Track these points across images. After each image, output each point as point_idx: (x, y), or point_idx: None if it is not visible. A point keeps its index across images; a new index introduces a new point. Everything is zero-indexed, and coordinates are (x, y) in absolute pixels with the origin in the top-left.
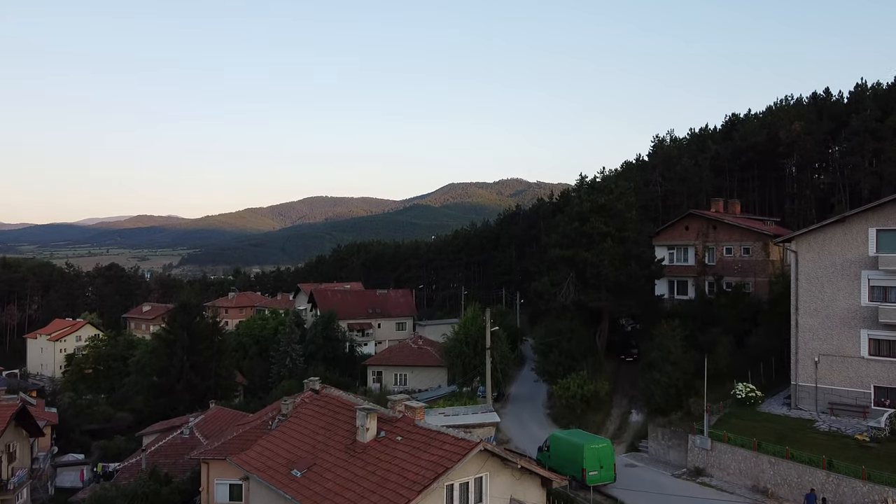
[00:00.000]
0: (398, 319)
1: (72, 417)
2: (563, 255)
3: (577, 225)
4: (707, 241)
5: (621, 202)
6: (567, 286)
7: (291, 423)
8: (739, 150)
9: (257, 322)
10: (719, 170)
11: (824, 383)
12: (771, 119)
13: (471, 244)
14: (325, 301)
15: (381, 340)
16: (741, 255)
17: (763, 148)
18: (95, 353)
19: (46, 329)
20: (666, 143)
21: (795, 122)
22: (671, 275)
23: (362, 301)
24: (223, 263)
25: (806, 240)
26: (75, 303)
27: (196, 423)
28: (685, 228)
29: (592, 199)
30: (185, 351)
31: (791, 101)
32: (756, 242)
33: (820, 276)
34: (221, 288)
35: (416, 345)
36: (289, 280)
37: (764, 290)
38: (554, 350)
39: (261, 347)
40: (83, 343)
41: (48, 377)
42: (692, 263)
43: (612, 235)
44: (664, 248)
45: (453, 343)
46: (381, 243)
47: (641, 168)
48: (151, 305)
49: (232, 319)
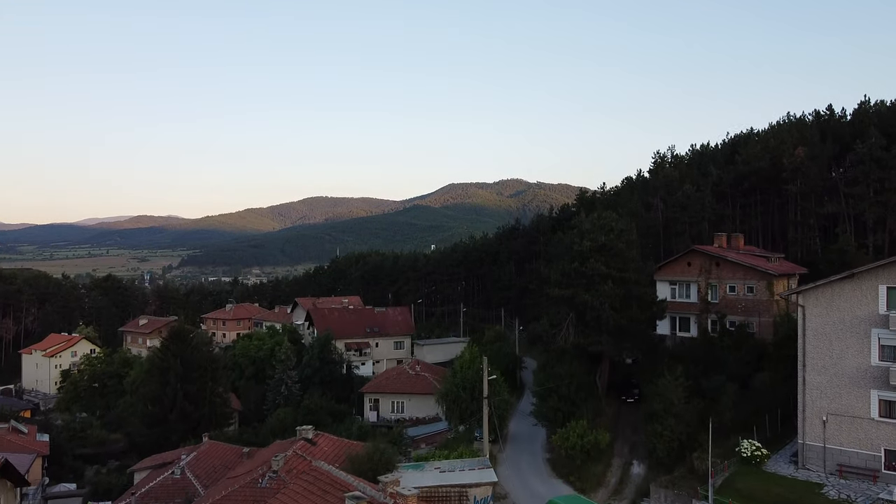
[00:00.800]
0: (396, 338)
1: (65, 441)
2: (563, 294)
3: (577, 265)
4: (710, 278)
5: (622, 240)
6: (566, 327)
7: (279, 500)
8: (742, 176)
9: (254, 342)
10: (721, 195)
11: (833, 444)
12: (774, 143)
13: (470, 258)
14: (323, 320)
15: (378, 360)
16: (745, 294)
17: (766, 174)
18: (90, 371)
19: (42, 344)
20: (667, 160)
21: (799, 148)
22: (673, 311)
23: (360, 319)
24: (223, 265)
25: (813, 294)
26: (72, 315)
27: (188, 462)
28: (688, 264)
29: (593, 238)
30: (178, 379)
31: (794, 119)
32: (760, 281)
33: (828, 332)
34: (220, 298)
35: (413, 371)
36: (287, 290)
37: (768, 330)
38: (553, 395)
39: (257, 368)
40: (78, 359)
41: (43, 393)
42: (694, 300)
43: (612, 277)
44: (666, 284)
45: (450, 387)
46: (379, 254)
47: (642, 185)
48: (148, 319)
49: (229, 332)
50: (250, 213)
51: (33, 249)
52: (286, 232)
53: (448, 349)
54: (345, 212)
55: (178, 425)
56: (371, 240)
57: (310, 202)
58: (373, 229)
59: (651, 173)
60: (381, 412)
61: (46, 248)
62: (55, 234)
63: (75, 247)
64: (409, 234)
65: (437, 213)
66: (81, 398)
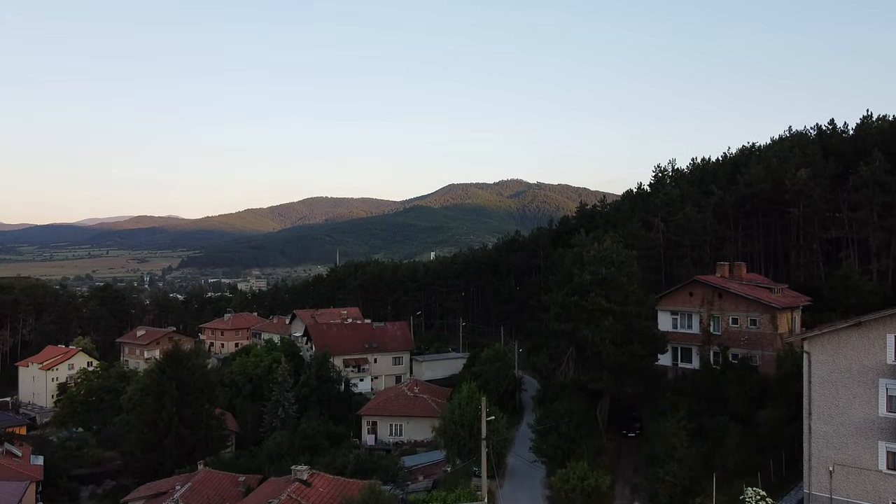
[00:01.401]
0: (395, 354)
1: (60, 461)
2: (562, 329)
3: (577, 299)
4: (712, 310)
5: (623, 273)
6: (566, 361)
7: None
8: (744, 198)
9: (251, 359)
10: (723, 216)
11: (839, 495)
12: (776, 163)
13: (469, 269)
14: (321, 336)
15: (377, 375)
16: (748, 327)
17: (768, 196)
18: (87, 386)
19: (38, 357)
20: (668, 174)
21: (802, 169)
22: (675, 342)
23: (358, 335)
24: (223, 266)
25: (819, 341)
26: (69, 326)
27: (183, 494)
28: (689, 294)
29: (593, 271)
30: (173, 403)
31: (796, 133)
32: (763, 315)
33: (834, 380)
34: (218, 306)
35: (411, 392)
36: (286, 298)
37: (771, 364)
38: (553, 433)
39: (254, 386)
40: (75, 372)
41: (40, 406)
42: (696, 332)
43: (613, 312)
44: (667, 314)
45: (448, 424)
46: (378, 263)
47: (642, 200)
48: (146, 329)
49: (228, 342)
50: (250, 214)
51: (33, 250)
52: (286, 233)
53: (447, 365)
54: (345, 212)
55: (173, 450)
56: (371, 241)
57: (310, 202)
58: (373, 230)
59: (651, 187)
60: (380, 435)
61: (46, 248)
62: (55, 235)
63: (75, 247)
64: (409, 236)
65: (437, 214)
66: (78, 413)
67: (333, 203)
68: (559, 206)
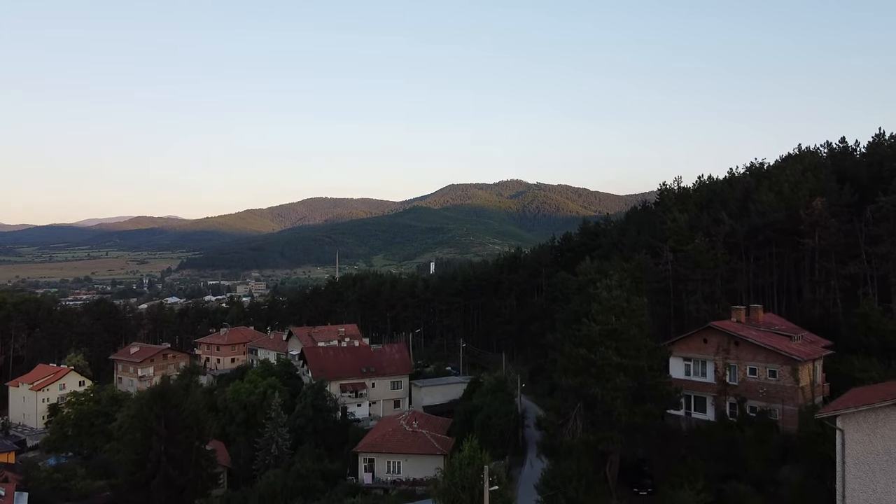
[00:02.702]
0: (393, 378)
1: (47, 495)
2: (570, 384)
3: (585, 352)
4: (728, 358)
5: (634, 322)
6: (574, 418)
7: None
8: (756, 228)
9: (245, 385)
10: (734, 246)
11: None
12: (788, 190)
13: (469, 286)
14: (318, 360)
15: (375, 400)
16: (766, 378)
17: (781, 226)
18: (77, 411)
19: (29, 377)
20: (674, 192)
21: (817, 199)
22: (688, 390)
23: (356, 359)
24: (222, 268)
25: (854, 419)
26: (62, 342)
27: None
28: (703, 341)
29: (603, 321)
30: (161, 442)
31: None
32: (784, 366)
33: (871, 462)
34: (215, 318)
35: (410, 427)
36: (284, 310)
37: (793, 420)
38: (560, 497)
39: (248, 414)
40: (67, 392)
41: (30, 428)
42: (711, 381)
43: (625, 367)
44: (680, 360)
45: (448, 486)
46: (377, 276)
47: (648, 222)
48: (140, 346)
49: (223, 357)
50: (250, 214)
51: (33, 251)
52: (286, 233)
53: (447, 390)
54: (345, 213)
55: (162, 491)
56: (371, 242)
57: (310, 203)
58: (373, 231)
59: (657, 206)
60: (377, 472)
61: (46, 249)
62: (55, 236)
63: (75, 249)
64: (409, 237)
65: (437, 215)
66: (68, 437)
67: (333, 203)
68: (559, 207)
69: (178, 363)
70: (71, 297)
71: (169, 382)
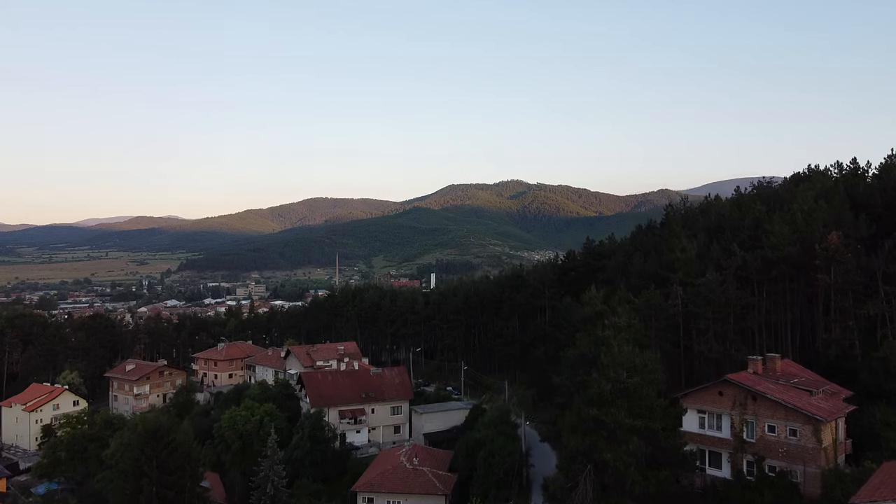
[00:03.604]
0: (393, 403)
1: None
2: (580, 447)
3: (596, 412)
4: (745, 413)
5: (647, 380)
6: (584, 482)
7: None
8: (770, 263)
9: (241, 413)
10: (745, 280)
11: None
12: (802, 218)
13: (470, 304)
14: (316, 386)
15: (374, 426)
16: (787, 437)
17: (796, 261)
18: (70, 435)
19: (22, 397)
20: (680, 212)
21: (832, 234)
22: (703, 444)
23: (355, 384)
24: (222, 269)
25: None
26: (56, 358)
27: None
28: (719, 394)
29: (613, 378)
30: (153, 485)
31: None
32: (805, 426)
33: None
34: (214, 330)
35: (411, 464)
36: (282, 322)
37: (815, 483)
38: None
39: (244, 443)
40: (60, 412)
41: (23, 450)
42: (727, 437)
43: (637, 430)
44: (694, 412)
45: None
46: (377, 289)
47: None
48: (135, 363)
49: (221, 373)
50: (250, 215)
51: (33, 251)
52: (286, 234)
53: (448, 417)
54: (345, 213)
55: None
56: (371, 243)
57: (310, 203)
58: (373, 232)
59: (663, 227)
60: None
61: (46, 250)
62: (54, 236)
63: (74, 249)
64: (409, 238)
65: (437, 216)
66: (61, 462)
67: (333, 204)
68: (559, 208)
69: (174, 380)
70: (70, 300)
71: (161, 419)
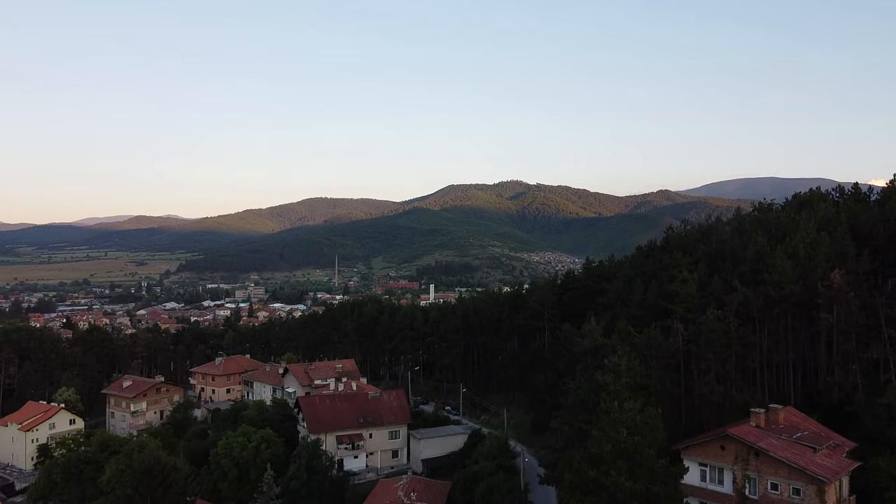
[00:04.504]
0: (391, 427)
1: None
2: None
3: (595, 473)
4: (748, 469)
5: (648, 440)
6: None
7: None
8: (772, 301)
9: (238, 439)
10: (747, 317)
11: None
12: (804, 252)
13: (469, 323)
14: (314, 412)
15: (372, 451)
16: (790, 496)
17: (798, 298)
18: (66, 458)
19: (18, 416)
20: (680, 235)
21: (835, 272)
22: (704, 498)
23: (353, 408)
24: (221, 270)
25: None
26: (53, 373)
27: None
28: (721, 448)
29: (614, 438)
30: None
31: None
32: (809, 485)
33: None
34: (212, 343)
35: (408, 499)
36: (280, 335)
37: None
38: None
39: (241, 471)
40: (56, 431)
41: (19, 469)
42: (729, 492)
43: (638, 495)
44: (695, 464)
45: None
46: (376, 302)
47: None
48: (132, 380)
49: (219, 388)
50: (249, 215)
51: (32, 251)
52: (285, 234)
53: (446, 442)
54: (344, 213)
55: None
56: (370, 244)
57: (309, 203)
58: (372, 233)
59: (663, 250)
60: None
61: (45, 250)
62: (54, 235)
63: (74, 249)
64: (408, 239)
65: (436, 216)
66: (57, 485)
67: (332, 204)
68: (559, 208)
69: (171, 397)
70: (69, 302)
71: (156, 454)
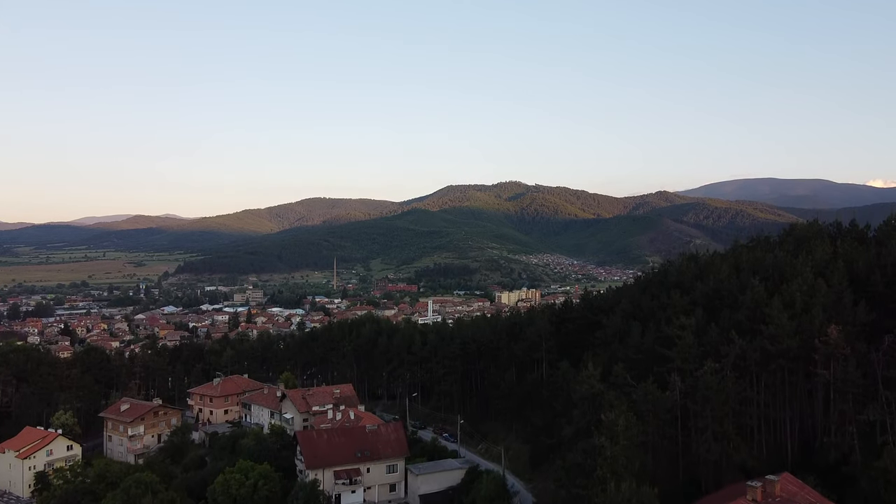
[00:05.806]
0: (389, 461)
1: None
2: None
3: None
4: None
5: None
6: None
7: None
8: (769, 356)
9: (235, 476)
10: (744, 369)
11: None
12: (801, 301)
13: (468, 350)
14: (312, 447)
15: (369, 486)
16: None
17: (795, 353)
18: (62, 489)
19: (15, 442)
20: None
21: (832, 327)
22: None
23: (351, 442)
24: (220, 272)
25: None
26: (51, 396)
27: None
28: None
29: None
30: None
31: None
32: None
33: None
34: (210, 361)
35: None
36: (279, 353)
37: None
38: None
39: None
40: (54, 458)
41: (16, 497)
42: None
43: None
44: None
45: None
46: (374, 322)
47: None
48: (130, 403)
49: (216, 409)
50: (248, 215)
51: (30, 251)
52: (284, 234)
53: (444, 478)
54: (343, 213)
55: None
56: (369, 245)
57: (308, 203)
58: (371, 234)
59: (661, 284)
60: None
61: (43, 249)
62: (52, 235)
63: (72, 249)
64: (407, 240)
65: (435, 217)
66: None
67: (331, 204)
68: (558, 209)
69: (169, 420)
70: (67, 305)
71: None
